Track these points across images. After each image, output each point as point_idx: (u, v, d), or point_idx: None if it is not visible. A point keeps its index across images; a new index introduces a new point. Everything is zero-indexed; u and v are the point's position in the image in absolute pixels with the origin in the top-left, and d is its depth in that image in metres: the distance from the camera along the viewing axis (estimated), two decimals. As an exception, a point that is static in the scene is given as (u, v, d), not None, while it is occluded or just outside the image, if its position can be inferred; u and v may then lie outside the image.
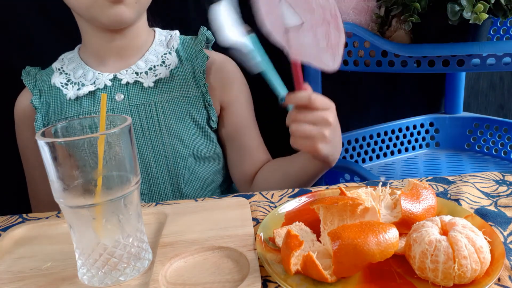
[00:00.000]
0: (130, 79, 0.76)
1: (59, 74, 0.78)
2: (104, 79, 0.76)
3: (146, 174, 0.76)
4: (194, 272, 0.44)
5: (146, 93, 0.76)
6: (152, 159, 0.76)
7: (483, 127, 1.14)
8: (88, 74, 0.76)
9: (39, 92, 0.78)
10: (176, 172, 0.77)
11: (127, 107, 0.75)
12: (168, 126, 0.76)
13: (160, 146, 0.76)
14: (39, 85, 0.79)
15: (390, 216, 0.46)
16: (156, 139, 0.76)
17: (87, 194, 0.41)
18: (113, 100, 0.76)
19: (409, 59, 0.80)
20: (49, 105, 0.77)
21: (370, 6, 0.84)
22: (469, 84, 1.25)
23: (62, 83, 0.77)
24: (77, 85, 0.76)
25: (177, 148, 0.76)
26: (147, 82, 0.76)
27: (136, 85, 0.76)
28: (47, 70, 0.81)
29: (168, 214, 0.56)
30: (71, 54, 0.81)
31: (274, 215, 0.52)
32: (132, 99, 0.76)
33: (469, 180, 0.61)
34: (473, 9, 0.68)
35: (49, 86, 0.78)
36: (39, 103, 0.77)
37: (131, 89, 0.76)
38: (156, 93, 0.76)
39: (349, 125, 1.17)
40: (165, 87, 0.77)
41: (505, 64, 0.75)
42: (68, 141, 0.39)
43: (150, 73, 0.76)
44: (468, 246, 0.38)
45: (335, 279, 0.40)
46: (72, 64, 0.79)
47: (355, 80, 1.17)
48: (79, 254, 0.44)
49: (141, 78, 0.76)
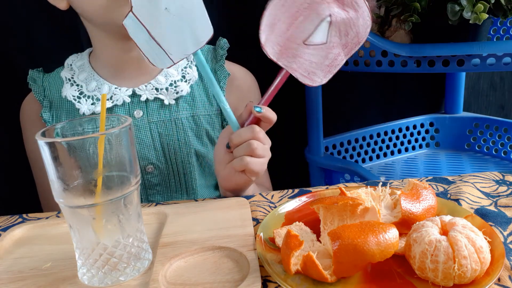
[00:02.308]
0: (150, 96, 0.72)
1: (70, 85, 0.74)
2: (122, 95, 0.72)
3: (165, 188, 0.76)
4: (194, 272, 0.44)
5: (166, 110, 0.74)
6: (171, 175, 0.76)
7: (483, 127, 1.14)
8: (103, 88, 0.72)
9: (50, 104, 0.74)
10: (193, 187, 0.77)
11: (146, 124, 0.73)
12: (188, 143, 0.75)
13: (179, 163, 0.75)
14: (48, 95, 0.75)
15: (390, 216, 0.46)
16: (175, 157, 0.75)
17: (87, 194, 0.41)
18: (132, 116, 0.73)
19: (409, 59, 0.80)
20: (60, 118, 0.73)
21: (370, 6, 0.84)
22: (469, 84, 1.25)
23: (74, 96, 0.72)
24: (91, 99, 0.72)
25: (194, 164, 0.76)
26: (167, 99, 0.73)
27: (156, 102, 0.73)
28: (54, 77, 0.77)
29: (168, 214, 0.56)
30: (80, 62, 0.76)
31: (274, 215, 0.52)
32: (152, 116, 0.73)
33: (469, 180, 0.61)
34: (473, 9, 0.68)
35: (60, 98, 0.74)
36: (49, 116, 0.74)
37: (150, 106, 0.73)
38: (177, 109, 0.74)
39: (349, 125, 1.17)
40: (185, 105, 0.75)
41: (505, 64, 0.75)
42: (68, 141, 0.39)
43: (171, 90, 0.73)
44: (468, 246, 0.38)
45: (335, 279, 0.40)
46: (83, 74, 0.74)
47: (355, 80, 1.17)
48: (79, 254, 0.44)
49: (162, 94, 0.73)
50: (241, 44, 0.89)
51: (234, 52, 0.82)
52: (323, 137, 1.02)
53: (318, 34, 0.57)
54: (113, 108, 0.72)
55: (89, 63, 0.76)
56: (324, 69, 0.58)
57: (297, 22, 0.57)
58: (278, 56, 0.58)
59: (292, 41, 0.57)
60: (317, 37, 0.57)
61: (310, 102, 0.98)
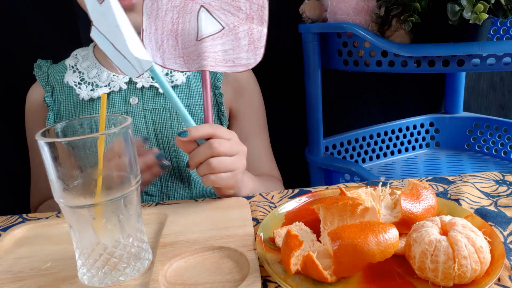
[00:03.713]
0: (145, 83, 0.75)
1: (73, 72, 0.77)
2: (119, 82, 0.75)
3: (158, 178, 0.76)
4: (194, 272, 0.44)
5: (161, 98, 0.75)
6: None
7: (483, 127, 1.14)
8: (103, 75, 0.75)
9: (52, 89, 0.78)
10: (187, 176, 0.77)
11: (141, 111, 0.75)
12: None
13: (172, 152, 0.76)
14: (51, 81, 0.78)
15: (390, 216, 0.46)
16: (167, 145, 0.75)
17: (87, 194, 0.41)
18: (128, 103, 0.75)
19: (409, 59, 0.80)
20: (61, 103, 0.76)
21: (370, 6, 0.84)
22: (469, 84, 1.25)
23: (75, 82, 0.76)
24: (90, 85, 0.75)
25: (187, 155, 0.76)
26: None
27: (151, 90, 0.75)
28: (59, 65, 0.80)
29: (168, 214, 0.56)
30: (85, 51, 0.80)
31: (274, 215, 0.52)
32: (147, 104, 0.75)
33: (469, 180, 0.61)
34: (473, 9, 0.68)
35: (62, 83, 0.77)
36: (51, 101, 0.77)
37: (146, 93, 0.75)
38: None
39: (349, 125, 1.17)
40: (180, 94, 0.76)
41: (505, 64, 0.75)
42: (68, 141, 0.39)
43: (166, 78, 0.75)
44: (468, 246, 0.38)
45: (335, 279, 0.40)
46: (86, 62, 0.78)
47: (355, 80, 1.17)
48: (79, 254, 0.44)
49: (157, 82, 0.74)
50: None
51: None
52: (323, 137, 1.02)
53: (206, 26, 0.58)
54: (110, 94, 0.75)
55: (93, 53, 0.80)
56: (247, 49, 0.59)
57: (180, 31, 0.59)
58: (187, 64, 0.59)
59: (188, 46, 0.59)
60: (206, 28, 0.58)
61: (310, 102, 0.98)
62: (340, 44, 0.88)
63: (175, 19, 0.58)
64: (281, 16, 1.05)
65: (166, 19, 0.58)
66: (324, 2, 0.91)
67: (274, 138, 0.93)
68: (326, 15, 0.90)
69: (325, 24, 0.90)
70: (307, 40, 0.92)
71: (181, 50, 0.59)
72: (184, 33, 0.59)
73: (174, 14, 0.58)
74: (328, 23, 0.90)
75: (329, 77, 1.01)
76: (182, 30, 0.59)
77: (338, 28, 0.86)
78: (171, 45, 0.59)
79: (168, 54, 0.60)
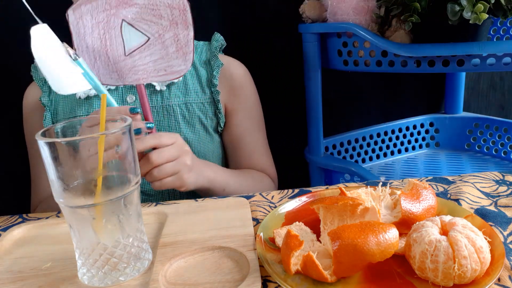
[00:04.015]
0: None
1: None
2: None
3: None
4: (194, 272, 0.44)
5: (158, 96, 0.76)
6: None
7: (483, 127, 1.14)
8: None
9: (49, 89, 0.78)
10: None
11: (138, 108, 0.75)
12: (178, 130, 0.76)
13: None
14: None
15: (390, 216, 0.46)
16: None
17: (87, 194, 0.41)
18: (125, 101, 0.75)
19: (409, 59, 0.80)
20: (58, 103, 0.77)
21: (370, 6, 0.84)
22: (469, 84, 1.25)
23: None
24: None
25: None
26: (159, 85, 0.76)
27: (148, 88, 0.76)
28: None
29: (168, 214, 0.56)
30: None
31: (274, 215, 0.52)
32: None
33: (469, 180, 0.61)
34: (473, 9, 0.68)
35: None
36: (48, 101, 0.77)
37: None
38: (168, 97, 0.76)
39: (349, 125, 1.17)
40: (177, 92, 0.77)
41: (505, 64, 0.75)
42: (68, 141, 0.39)
43: None
44: (468, 246, 0.38)
45: (335, 279, 0.40)
46: None
47: (355, 80, 1.17)
48: (79, 254, 0.44)
49: None
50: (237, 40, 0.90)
51: (230, 46, 0.84)
52: (323, 137, 1.02)
53: (131, 39, 0.59)
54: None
55: None
56: (177, 56, 0.59)
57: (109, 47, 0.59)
58: (121, 79, 0.60)
59: (119, 61, 0.60)
60: (132, 42, 0.59)
61: (310, 102, 0.98)
62: (340, 44, 0.88)
63: (102, 35, 0.59)
64: (281, 16, 1.05)
65: (94, 35, 0.59)
66: (324, 2, 0.91)
67: (274, 138, 0.93)
68: (326, 15, 0.90)
69: (325, 24, 0.90)
70: (307, 40, 0.93)
71: (113, 65, 0.60)
72: (113, 49, 0.60)
73: (100, 30, 0.59)
74: (328, 23, 0.90)
75: (329, 77, 1.01)
76: (111, 46, 0.60)
77: (338, 28, 0.86)
78: (104, 61, 0.60)
79: (103, 70, 0.61)
